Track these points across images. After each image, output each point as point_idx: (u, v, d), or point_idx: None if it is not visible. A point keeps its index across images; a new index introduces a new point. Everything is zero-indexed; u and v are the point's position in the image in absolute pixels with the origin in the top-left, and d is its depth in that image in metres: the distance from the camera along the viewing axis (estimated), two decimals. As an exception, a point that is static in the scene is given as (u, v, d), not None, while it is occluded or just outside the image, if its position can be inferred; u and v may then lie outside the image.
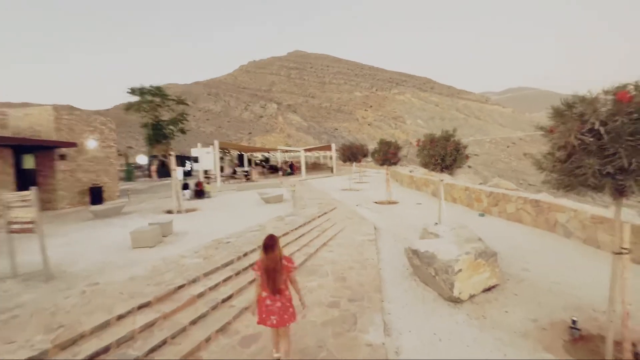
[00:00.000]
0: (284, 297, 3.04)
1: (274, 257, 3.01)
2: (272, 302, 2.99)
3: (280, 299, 3.01)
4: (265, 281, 2.99)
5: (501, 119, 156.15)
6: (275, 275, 2.95)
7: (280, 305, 3.00)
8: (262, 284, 3.04)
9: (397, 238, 7.58)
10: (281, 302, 3.01)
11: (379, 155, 11.90)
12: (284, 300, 3.03)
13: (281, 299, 3.01)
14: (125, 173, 28.39)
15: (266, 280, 2.98)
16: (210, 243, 6.78)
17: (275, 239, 3.12)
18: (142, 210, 11.83)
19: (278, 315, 2.99)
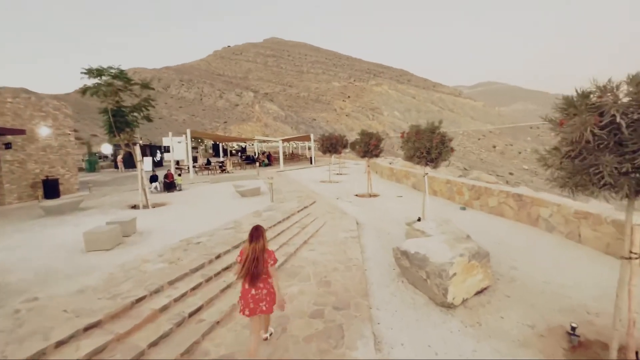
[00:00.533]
0: (268, 284, 3.14)
1: (258, 248, 3.04)
2: (257, 292, 3.06)
3: (265, 286, 3.11)
4: (246, 271, 3.03)
5: (472, 112, 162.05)
6: (257, 264, 3.00)
7: (267, 292, 3.11)
8: (243, 275, 3.06)
9: (381, 233, 7.27)
10: (267, 289, 3.11)
11: (361, 146, 11.52)
12: (268, 287, 3.13)
13: (266, 286, 3.11)
14: (88, 164, 26.31)
15: (247, 270, 3.02)
16: (178, 244, 6.11)
17: (262, 230, 3.15)
18: (103, 206, 10.75)
19: (266, 301, 3.09)
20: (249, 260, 3.01)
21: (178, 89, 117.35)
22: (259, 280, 3.05)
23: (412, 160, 7.50)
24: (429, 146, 7.08)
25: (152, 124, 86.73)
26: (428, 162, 7.31)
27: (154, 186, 14.09)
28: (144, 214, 9.24)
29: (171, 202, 11.40)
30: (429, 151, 7.13)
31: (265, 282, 3.11)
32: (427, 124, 7.33)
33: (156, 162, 29.55)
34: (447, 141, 7.17)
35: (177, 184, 14.59)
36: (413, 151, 7.33)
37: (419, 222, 6.28)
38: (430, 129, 7.20)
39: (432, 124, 7.29)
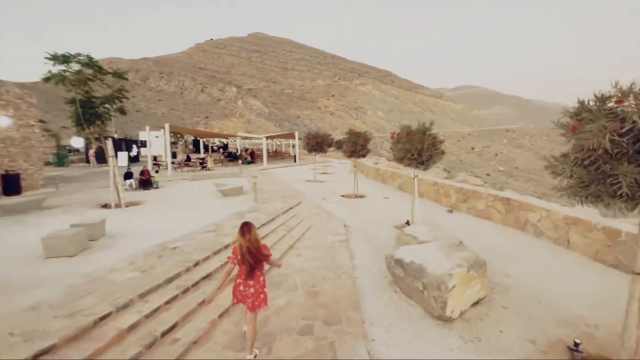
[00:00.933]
0: (258, 283, 3.12)
1: (252, 239, 3.04)
2: (245, 289, 3.07)
3: (254, 285, 3.09)
4: (241, 264, 3.03)
5: (452, 114, 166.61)
6: (254, 256, 3.00)
7: (254, 291, 3.09)
8: (239, 269, 3.07)
9: (370, 237, 7.02)
10: (254, 289, 3.10)
11: (348, 146, 11.25)
12: (257, 286, 3.11)
13: (254, 285, 3.10)
14: (56, 157, 24.61)
15: (243, 263, 3.01)
16: (152, 249, 5.59)
17: (251, 225, 3.17)
18: (70, 204, 9.91)
19: (251, 300, 3.08)
20: (246, 251, 2.99)
21: (157, 81, 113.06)
22: (254, 274, 3.06)
23: (403, 162, 7.30)
24: (420, 148, 6.89)
25: (129, 117, 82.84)
26: (418, 165, 7.13)
27: (129, 183, 13.26)
28: (116, 215, 8.56)
29: (147, 201, 10.69)
30: (420, 153, 6.94)
31: (256, 281, 3.10)
32: (419, 126, 7.14)
33: (132, 157, 28.15)
34: (438, 144, 7.01)
35: (154, 181, 13.80)
36: (403, 152, 7.12)
37: (410, 227, 6.07)
38: (422, 131, 7.02)
39: (423, 125, 7.11)
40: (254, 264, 3.01)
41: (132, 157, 27.97)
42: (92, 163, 24.93)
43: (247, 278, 3.05)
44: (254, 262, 3.00)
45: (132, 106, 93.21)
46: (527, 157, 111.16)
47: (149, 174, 13.67)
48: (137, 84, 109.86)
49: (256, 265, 3.03)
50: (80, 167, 24.05)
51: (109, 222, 7.46)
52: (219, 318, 3.82)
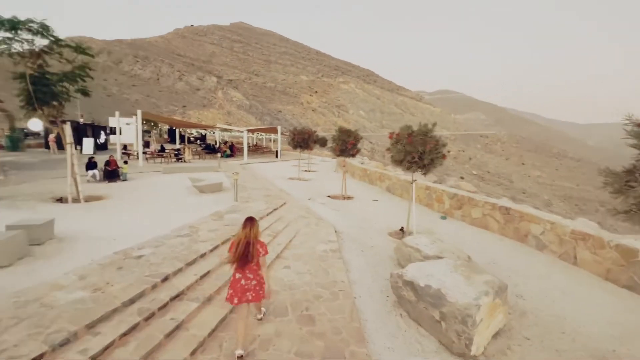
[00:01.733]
0: (258, 275, 3.21)
1: (252, 234, 3.16)
2: (247, 282, 3.14)
3: (255, 277, 3.18)
4: (238, 255, 3.08)
5: (432, 118, 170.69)
6: (249, 249, 3.09)
7: (256, 282, 3.18)
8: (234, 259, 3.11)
9: (364, 246, 6.41)
10: (256, 280, 3.19)
11: (337, 144, 10.59)
12: (258, 278, 3.20)
13: (255, 277, 3.19)
14: (9, 140, 22.14)
15: (239, 254, 3.08)
16: (111, 257, 4.64)
17: (254, 221, 3.26)
18: (17, 196, 8.55)
19: (254, 291, 3.15)
20: (241, 244, 3.09)
21: (132, 65, 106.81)
22: (249, 268, 3.15)
23: (401, 165, 6.73)
24: (421, 151, 6.35)
25: (99, 102, 77.86)
26: (419, 168, 6.59)
27: (91, 174, 11.87)
28: (72, 211, 7.40)
29: (111, 195, 9.49)
30: (421, 156, 6.40)
31: (255, 273, 3.19)
32: (420, 126, 6.59)
33: (99, 144, 25.98)
34: (440, 147, 6.50)
35: (122, 173, 12.46)
36: (403, 155, 6.55)
37: (410, 238, 5.50)
38: (423, 132, 6.47)
39: (425, 126, 6.58)
40: (248, 258, 3.10)
41: (99, 144, 25.81)
42: (52, 149, 22.70)
43: (244, 270, 3.14)
44: (248, 257, 3.10)
45: (102, 90, 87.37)
46: (498, 162, 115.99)
47: (115, 164, 12.32)
48: (109, 67, 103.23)
49: (250, 260, 3.12)
50: (38, 153, 21.79)
51: (62, 221, 6.36)
52: (190, 356, 3.03)
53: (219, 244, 5.54)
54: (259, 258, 3.23)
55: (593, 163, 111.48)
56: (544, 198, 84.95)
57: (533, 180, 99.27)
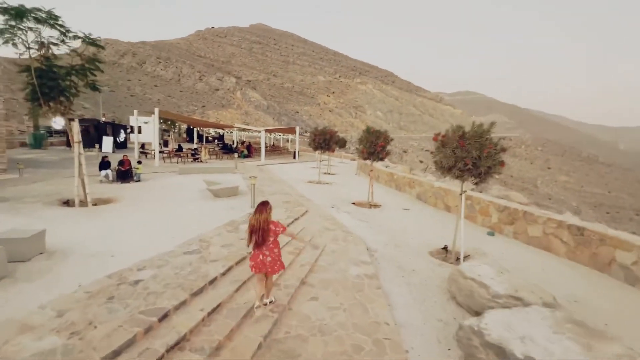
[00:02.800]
0: (273, 253, 3.63)
1: (262, 219, 3.50)
2: (264, 258, 3.55)
3: (271, 254, 3.60)
4: (254, 241, 3.54)
5: (452, 119, 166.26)
6: (262, 233, 3.50)
7: (271, 259, 3.60)
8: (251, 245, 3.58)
9: (404, 270, 5.34)
10: (271, 257, 3.61)
11: (365, 146, 9.54)
12: (273, 256, 3.62)
13: (271, 254, 3.60)
14: (32, 138, 22.41)
15: (255, 241, 3.54)
16: (103, 282, 3.81)
17: (267, 207, 3.59)
18: (23, 198, 8.03)
19: (270, 266, 3.59)
20: (255, 231, 3.50)
21: (154, 66, 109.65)
22: (265, 247, 3.57)
23: (450, 174, 5.62)
24: (477, 156, 5.22)
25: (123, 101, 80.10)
26: (472, 177, 5.46)
27: (104, 174, 11.36)
28: (75, 217, 6.73)
29: (121, 198, 8.85)
30: (476, 163, 5.27)
31: (271, 251, 3.61)
32: (474, 127, 5.46)
33: (119, 143, 26.03)
34: (499, 152, 5.34)
35: (135, 173, 11.91)
36: (453, 161, 5.43)
37: (468, 265, 4.40)
38: (479, 134, 5.34)
39: (480, 126, 5.44)
40: (261, 240, 3.51)
41: (119, 143, 25.86)
42: (73, 147, 22.80)
43: (261, 250, 3.56)
44: (261, 239, 3.51)
45: (127, 90, 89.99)
46: (521, 166, 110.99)
47: (129, 164, 11.77)
48: (134, 68, 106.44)
49: (263, 242, 3.53)
50: (59, 151, 21.90)
51: (60, 229, 5.68)
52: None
53: (232, 265, 4.63)
54: (281, 234, 3.70)
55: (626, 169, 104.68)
56: (572, 205, 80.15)
57: (560, 185, 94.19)
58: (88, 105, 64.87)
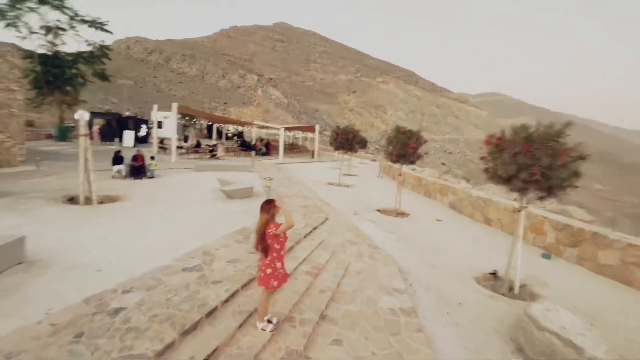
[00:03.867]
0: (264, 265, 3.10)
1: (260, 222, 3.07)
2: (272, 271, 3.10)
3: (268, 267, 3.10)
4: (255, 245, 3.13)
5: (477, 121, 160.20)
6: (259, 240, 3.06)
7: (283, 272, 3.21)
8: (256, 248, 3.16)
9: (447, 303, 4.32)
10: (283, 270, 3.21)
11: (395, 148, 8.49)
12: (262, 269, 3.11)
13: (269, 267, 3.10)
14: (58, 131, 22.80)
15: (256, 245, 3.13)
16: (76, 311, 3.06)
17: (270, 205, 3.11)
18: (28, 193, 7.60)
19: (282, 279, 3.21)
20: (257, 232, 3.10)
21: (180, 63, 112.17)
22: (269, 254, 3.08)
23: (510, 185, 4.52)
24: (547, 164, 4.10)
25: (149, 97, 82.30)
26: (539, 191, 4.35)
27: (117, 170, 10.93)
28: (74, 217, 6.15)
29: (129, 196, 8.29)
30: (546, 174, 4.15)
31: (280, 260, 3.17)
32: (544, 127, 4.33)
33: (140, 137, 26.13)
34: (576, 159, 4.19)
35: (149, 169, 11.43)
36: (514, 170, 4.33)
37: (542, 310, 3.33)
38: (548, 136, 4.21)
39: (551, 127, 4.31)
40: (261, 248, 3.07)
41: (139, 137, 25.96)
42: (95, 140, 23.03)
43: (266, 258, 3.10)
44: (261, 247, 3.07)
45: (153, 86, 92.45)
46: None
47: (142, 159, 11.29)
48: (160, 65, 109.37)
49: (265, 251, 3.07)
50: (81, 144, 22.15)
51: (53, 230, 5.09)
52: None
53: (237, 289, 3.79)
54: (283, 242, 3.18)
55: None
56: (607, 215, 74.60)
57: (592, 194, 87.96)
58: (116, 100, 67.03)
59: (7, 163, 11.52)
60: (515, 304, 4.36)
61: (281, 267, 3.17)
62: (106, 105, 60.58)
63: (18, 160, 11.93)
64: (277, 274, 3.12)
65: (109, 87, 75.72)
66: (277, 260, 3.13)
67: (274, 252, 3.10)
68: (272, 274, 3.11)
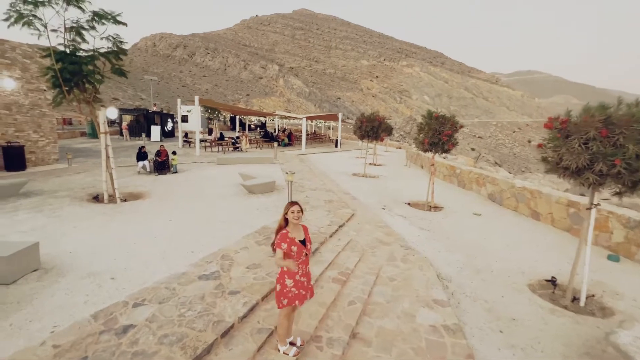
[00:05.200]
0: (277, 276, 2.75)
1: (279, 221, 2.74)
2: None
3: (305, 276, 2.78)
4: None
5: (509, 102, 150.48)
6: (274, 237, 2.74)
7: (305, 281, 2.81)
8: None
9: (499, 318, 3.68)
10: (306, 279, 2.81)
11: (427, 135, 7.70)
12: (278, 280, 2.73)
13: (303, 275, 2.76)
14: (90, 129, 23.75)
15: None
16: (82, 328, 2.79)
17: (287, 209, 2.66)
18: (56, 191, 7.71)
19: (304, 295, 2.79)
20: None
21: (203, 57, 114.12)
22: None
23: (580, 178, 3.73)
24: (634, 154, 3.27)
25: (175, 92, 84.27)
26: (621, 186, 3.54)
27: (142, 165, 11.00)
28: (96, 217, 6.06)
29: (152, 193, 8.22)
30: (632, 165, 3.33)
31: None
32: (626, 106, 3.47)
33: (167, 132, 26.74)
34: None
35: (172, 165, 11.42)
36: (587, 160, 3.53)
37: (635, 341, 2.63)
38: (637, 117, 3.35)
39: (637, 105, 3.44)
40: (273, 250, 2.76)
41: (166, 132, 26.56)
42: (125, 136, 23.80)
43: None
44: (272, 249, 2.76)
45: (178, 81, 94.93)
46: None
47: (166, 154, 11.28)
48: (185, 59, 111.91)
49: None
50: (113, 140, 22.95)
51: (77, 231, 5.04)
52: None
53: (257, 301, 3.39)
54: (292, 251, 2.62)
55: None
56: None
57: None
58: (145, 96, 69.48)
59: (41, 161, 11.96)
60: (584, 320, 3.64)
61: (293, 285, 2.64)
62: (136, 101, 63.02)
63: (52, 159, 12.36)
64: (286, 292, 2.64)
65: (138, 83, 78.26)
66: (288, 276, 2.64)
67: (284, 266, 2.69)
68: (282, 291, 2.66)
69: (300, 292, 2.67)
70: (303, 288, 2.70)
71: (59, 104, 6.70)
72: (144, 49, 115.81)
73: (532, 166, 72.33)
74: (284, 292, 2.64)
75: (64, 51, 6.40)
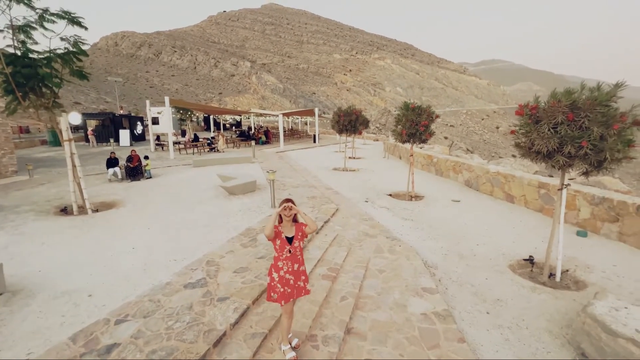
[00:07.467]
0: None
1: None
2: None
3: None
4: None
5: (477, 91, 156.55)
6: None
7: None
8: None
9: (484, 299, 3.83)
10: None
11: (404, 126, 7.83)
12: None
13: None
14: (51, 136, 22.21)
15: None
16: (60, 353, 2.60)
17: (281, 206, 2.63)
18: (18, 206, 7.14)
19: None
20: None
21: (170, 56, 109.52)
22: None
23: (551, 161, 3.91)
24: (597, 136, 3.48)
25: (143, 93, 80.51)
26: (588, 166, 3.75)
27: (112, 172, 10.41)
28: (65, 231, 5.67)
29: (127, 201, 7.81)
30: (597, 145, 3.54)
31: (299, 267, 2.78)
32: (589, 91, 3.67)
33: (136, 135, 25.51)
34: (629, 126, 3.56)
35: (146, 170, 10.91)
36: (556, 143, 3.70)
37: (611, 312, 2.81)
38: (600, 100, 3.55)
39: (598, 89, 3.64)
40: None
41: (136, 135, 25.33)
42: (91, 142, 22.48)
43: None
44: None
45: (145, 82, 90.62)
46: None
47: (138, 159, 10.75)
48: (151, 59, 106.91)
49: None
50: (77, 147, 21.59)
51: (44, 248, 4.66)
52: None
53: (248, 306, 3.31)
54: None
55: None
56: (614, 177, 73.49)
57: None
58: (109, 99, 65.72)
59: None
60: (562, 295, 3.86)
61: (278, 280, 2.64)
62: (101, 105, 59.51)
63: (10, 171, 11.45)
64: (273, 286, 2.67)
65: (101, 85, 73.90)
66: (274, 269, 2.68)
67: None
68: (270, 284, 2.71)
69: (286, 289, 2.64)
70: (288, 286, 2.66)
71: (14, 111, 6.16)
72: (105, 49, 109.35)
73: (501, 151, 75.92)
74: (271, 286, 2.67)
75: (14, 53, 5.88)
